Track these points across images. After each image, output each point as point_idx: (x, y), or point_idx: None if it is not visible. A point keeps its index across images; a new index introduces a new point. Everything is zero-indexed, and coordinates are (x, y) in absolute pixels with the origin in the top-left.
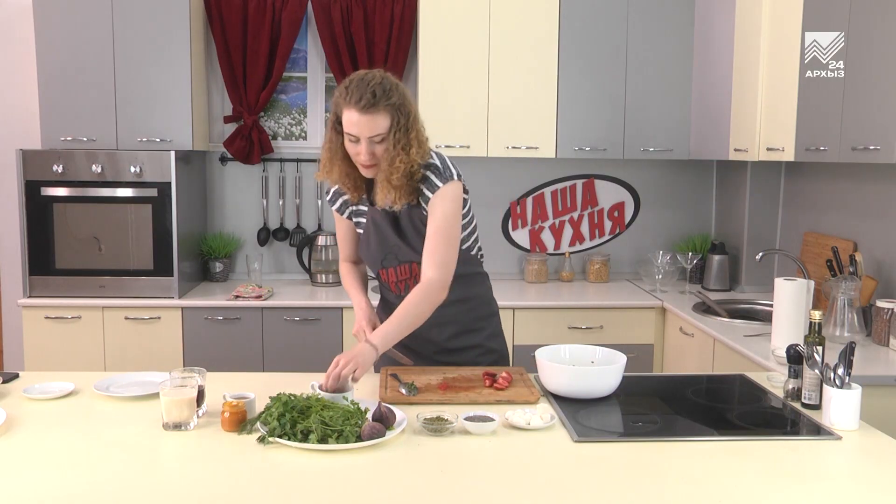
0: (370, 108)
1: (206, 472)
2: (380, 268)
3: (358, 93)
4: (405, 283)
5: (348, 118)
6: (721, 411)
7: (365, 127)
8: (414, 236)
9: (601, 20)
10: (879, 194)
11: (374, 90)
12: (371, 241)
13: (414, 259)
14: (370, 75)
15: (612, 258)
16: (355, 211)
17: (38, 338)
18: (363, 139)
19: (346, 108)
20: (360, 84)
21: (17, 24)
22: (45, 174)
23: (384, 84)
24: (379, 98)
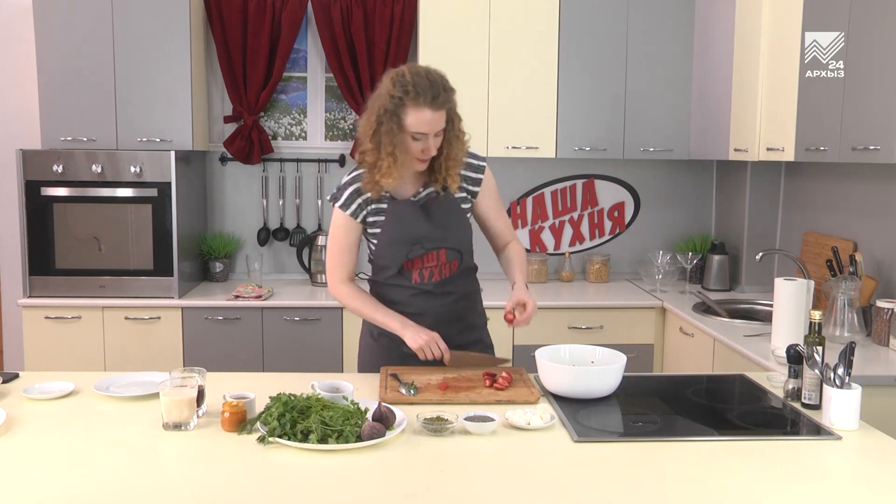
0: (444, 104)
1: (206, 472)
2: (404, 260)
3: (431, 92)
4: (430, 271)
5: (420, 117)
6: (721, 411)
7: (436, 123)
8: (445, 221)
9: (601, 20)
10: (879, 194)
11: (444, 86)
12: (392, 236)
13: (441, 245)
14: (431, 73)
15: (612, 258)
16: (374, 210)
17: (38, 338)
18: (431, 135)
19: (417, 108)
20: (427, 82)
21: (17, 24)
22: (45, 174)
23: (445, 78)
24: (449, 91)
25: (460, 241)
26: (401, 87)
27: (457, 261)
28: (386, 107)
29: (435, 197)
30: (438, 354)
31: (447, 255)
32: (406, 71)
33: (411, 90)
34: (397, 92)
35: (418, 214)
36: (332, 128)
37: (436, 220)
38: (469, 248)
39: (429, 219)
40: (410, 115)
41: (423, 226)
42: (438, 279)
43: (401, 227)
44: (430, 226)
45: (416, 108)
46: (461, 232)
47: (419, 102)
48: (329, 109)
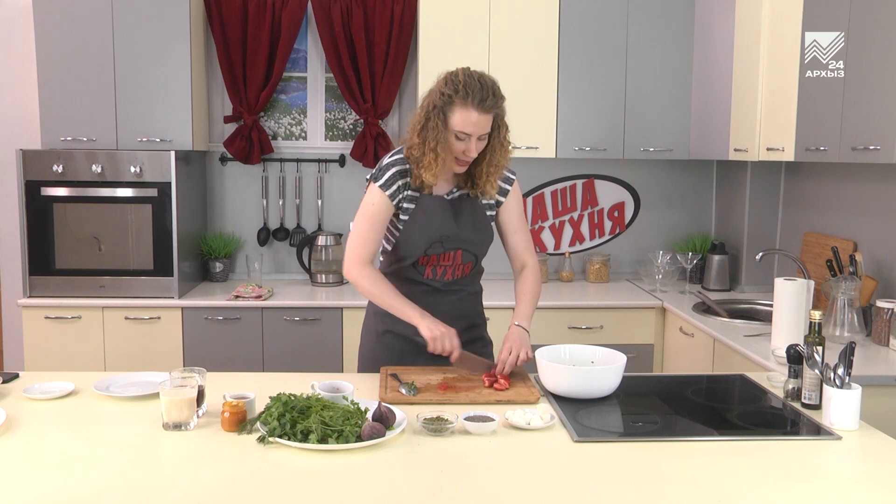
0: (492, 108)
1: (206, 472)
2: (422, 255)
3: (480, 94)
4: (444, 269)
5: (466, 117)
6: (721, 411)
7: (480, 126)
8: (469, 225)
9: (601, 20)
10: (879, 194)
11: (493, 90)
12: (418, 227)
13: (460, 247)
14: (484, 77)
15: (612, 258)
16: (408, 196)
17: (38, 338)
18: (474, 137)
19: (464, 108)
20: (478, 85)
21: (17, 24)
22: (45, 174)
23: (497, 84)
24: (498, 97)
25: (479, 245)
26: (452, 86)
27: (471, 263)
28: (435, 103)
29: (466, 198)
30: (449, 350)
31: (463, 256)
32: (460, 72)
33: (461, 90)
34: (448, 90)
35: (447, 212)
36: (332, 128)
37: (461, 221)
38: (485, 253)
39: (455, 218)
40: (457, 114)
41: (449, 224)
42: (451, 279)
43: (427, 220)
44: (455, 226)
45: (464, 108)
46: (482, 237)
47: (467, 102)
48: (329, 109)
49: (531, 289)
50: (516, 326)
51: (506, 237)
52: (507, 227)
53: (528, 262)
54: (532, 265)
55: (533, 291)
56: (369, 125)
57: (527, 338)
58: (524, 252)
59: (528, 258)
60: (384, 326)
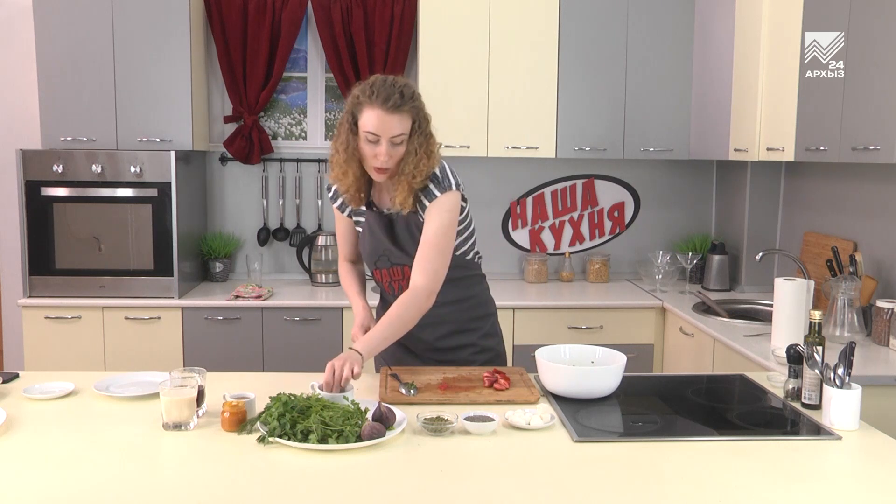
0: (398, 107)
1: (206, 472)
2: (374, 268)
3: (385, 92)
4: (398, 284)
5: (372, 117)
6: (721, 411)
7: (389, 126)
8: (407, 240)
9: (601, 20)
10: (879, 194)
11: (401, 90)
12: (366, 243)
13: (405, 262)
14: (394, 78)
15: (612, 258)
16: (355, 211)
17: (38, 338)
18: (384, 139)
19: (370, 108)
20: (386, 85)
21: (17, 24)
22: (45, 174)
23: (409, 86)
24: (406, 99)
25: None
26: (362, 88)
27: None
28: (348, 108)
29: (402, 215)
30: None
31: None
32: (373, 77)
33: (369, 90)
34: (357, 91)
35: (385, 229)
36: (332, 128)
37: (398, 238)
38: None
39: (391, 235)
40: (364, 115)
41: (387, 242)
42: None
43: (370, 237)
44: (391, 243)
45: (370, 108)
46: None
47: (375, 103)
48: (329, 109)
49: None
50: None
51: None
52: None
53: (415, 282)
54: (413, 288)
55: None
56: None
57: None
58: (416, 269)
59: (416, 276)
60: None
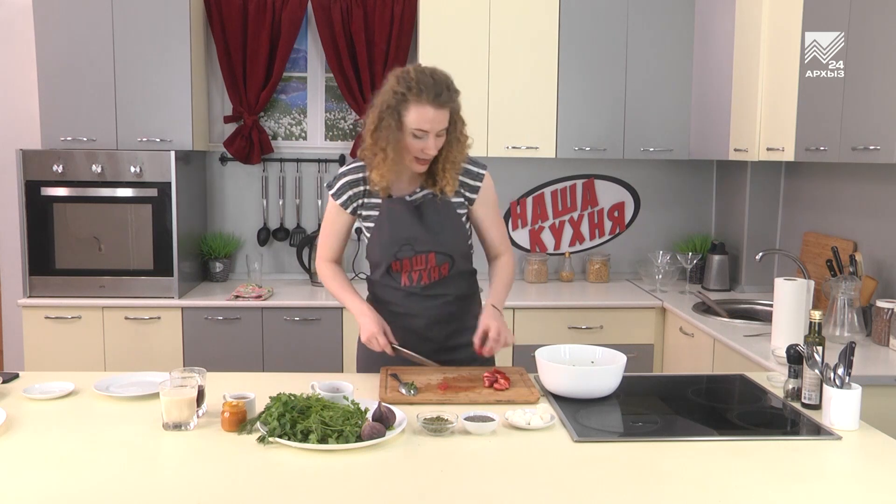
0: (447, 102)
1: (206, 472)
2: (392, 260)
3: (434, 89)
4: (419, 273)
5: (422, 114)
6: (721, 411)
7: (438, 122)
8: (437, 225)
9: (601, 20)
10: (879, 194)
11: (447, 85)
12: (383, 234)
13: (431, 249)
14: (436, 72)
15: (612, 258)
16: (366, 204)
17: (38, 338)
18: (432, 134)
19: (419, 105)
20: (431, 80)
21: (17, 24)
22: (45, 174)
23: (450, 78)
24: (452, 92)
25: (452, 245)
26: (404, 84)
27: (447, 264)
28: (388, 103)
29: (431, 199)
30: (380, 348)
31: (437, 258)
32: (411, 69)
33: (414, 87)
34: (401, 88)
35: (411, 215)
36: (332, 128)
37: (428, 223)
38: (463, 252)
39: (421, 221)
40: (412, 112)
41: (415, 227)
42: (427, 282)
43: (392, 226)
44: (421, 228)
45: (419, 105)
46: (454, 237)
47: (421, 99)
48: (329, 109)
49: (507, 275)
50: (493, 308)
51: (481, 233)
52: (480, 223)
53: (504, 255)
54: (507, 258)
55: (505, 277)
56: None
57: (503, 320)
58: (500, 246)
59: (503, 251)
60: None
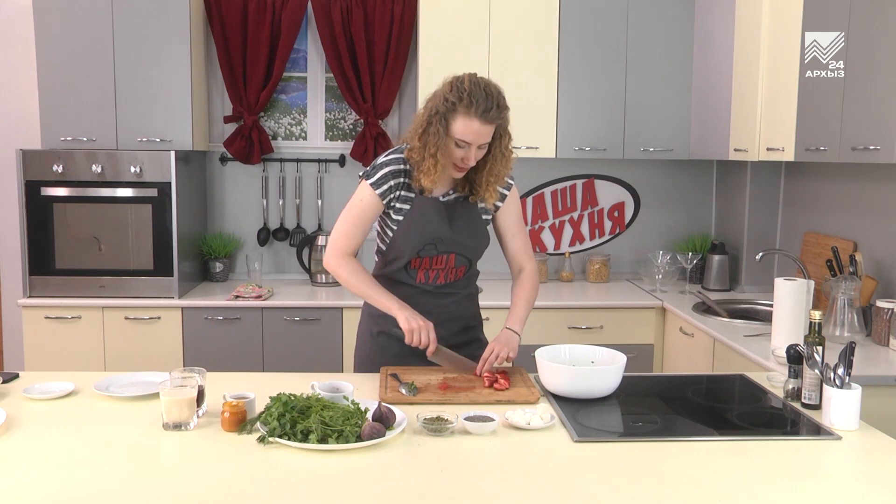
0: (495, 119)
1: (206, 472)
2: (414, 256)
3: (484, 104)
4: (436, 273)
5: (467, 126)
6: (721, 411)
7: (481, 136)
8: (463, 228)
9: (601, 20)
10: (879, 194)
11: (498, 102)
12: (412, 228)
13: (454, 250)
14: (489, 86)
15: (612, 258)
16: (402, 197)
17: (38, 338)
18: (474, 146)
19: (467, 117)
20: (484, 94)
21: (17, 24)
22: (45, 174)
23: (502, 94)
24: (501, 109)
25: (473, 250)
26: (456, 93)
27: (464, 267)
28: (438, 108)
29: (462, 202)
30: (426, 343)
31: (456, 260)
32: (466, 78)
33: (465, 98)
34: (452, 96)
35: (441, 214)
36: (332, 128)
37: (456, 225)
38: (479, 257)
39: (450, 222)
40: (459, 122)
41: (443, 227)
42: (443, 282)
43: (422, 222)
44: (449, 229)
45: (466, 117)
46: (477, 241)
47: (470, 112)
48: (329, 109)
49: (528, 293)
50: (507, 329)
51: (504, 242)
52: (505, 231)
53: (527, 267)
54: (530, 269)
55: (529, 296)
56: (369, 125)
57: (515, 341)
58: (523, 256)
59: (526, 262)
60: (378, 328)
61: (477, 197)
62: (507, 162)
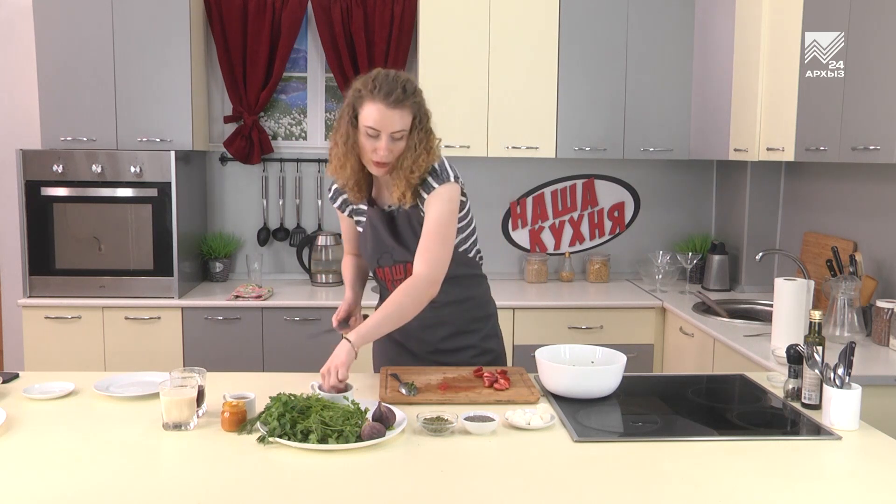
0: (399, 102)
1: (206, 472)
2: (376, 266)
3: (387, 87)
4: (398, 283)
5: (373, 112)
6: (721, 411)
7: (390, 121)
8: (409, 237)
9: (601, 20)
10: (879, 194)
11: (403, 86)
12: (368, 241)
13: (408, 259)
14: (396, 72)
15: (612, 258)
16: (355, 210)
17: (38, 338)
18: (384, 134)
19: (372, 102)
20: (388, 79)
21: (17, 24)
22: (45, 174)
23: (411, 82)
24: (408, 94)
25: None
26: (363, 82)
27: None
28: (349, 101)
29: (403, 211)
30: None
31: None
32: (375, 71)
33: (371, 84)
34: (359, 85)
35: (387, 226)
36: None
37: (399, 235)
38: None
39: (394, 233)
40: (365, 109)
41: (389, 239)
42: None
43: (371, 233)
44: (392, 240)
45: (373, 103)
46: None
47: (377, 97)
48: (329, 109)
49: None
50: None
51: None
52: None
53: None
54: (415, 276)
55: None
56: None
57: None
58: (417, 258)
59: (418, 266)
60: None
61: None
62: (416, 156)
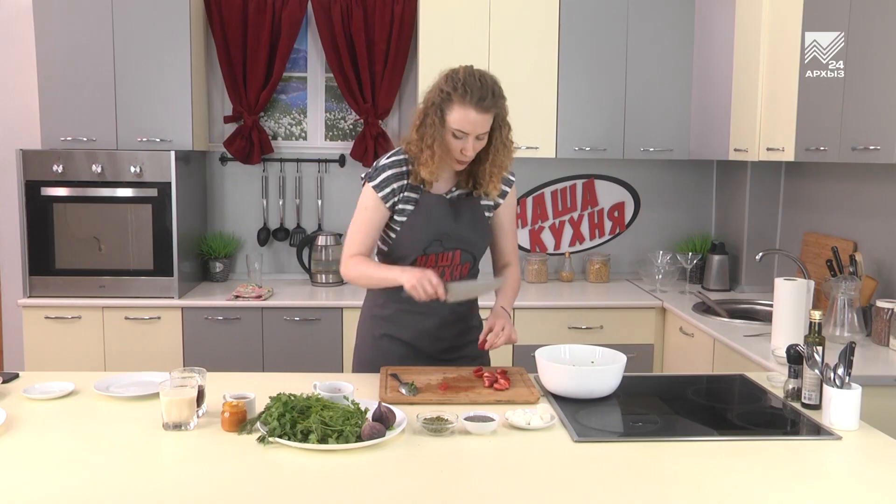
0: (490, 108)
1: (206, 472)
2: (420, 254)
3: (479, 93)
4: (441, 270)
5: (463, 115)
6: (721, 411)
7: (479, 125)
8: (468, 224)
9: (601, 20)
10: (879, 194)
11: (493, 90)
12: (417, 226)
13: (459, 247)
14: (481, 73)
15: (612, 258)
16: (405, 198)
17: (38, 338)
18: (472, 136)
19: (462, 106)
20: (478, 83)
21: (17, 24)
22: (45, 174)
23: (498, 84)
24: (497, 97)
25: (478, 246)
26: (451, 83)
27: (469, 264)
28: (434, 100)
29: (466, 197)
30: (431, 291)
31: (462, 257)
32: (461, 69)
33: (460, 87)
34: (447, 87)
35: (447, 211)
36: (332, 128)
37: (461, 221)
38: (482, 254)
39: (456, 218)
40: (455, 112)
41: (448, 223)
42: (448, 280)
43: (428, 219)
44: (455, 225)
45: (462, 106)
46: (481, 237)
47: (465, 101)
48: (329, 109)
49: (515, 283)
50: (501, 308)
51: (495, 239)
52: (499, 229)
53: (512, 264)
54: (515, 268)
55: (515, 285)
56: (369, 125)
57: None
58: (511, 255)
59: (512, 260)
60: (381, 330)
61: (481, 189)
62: (508, 152)
